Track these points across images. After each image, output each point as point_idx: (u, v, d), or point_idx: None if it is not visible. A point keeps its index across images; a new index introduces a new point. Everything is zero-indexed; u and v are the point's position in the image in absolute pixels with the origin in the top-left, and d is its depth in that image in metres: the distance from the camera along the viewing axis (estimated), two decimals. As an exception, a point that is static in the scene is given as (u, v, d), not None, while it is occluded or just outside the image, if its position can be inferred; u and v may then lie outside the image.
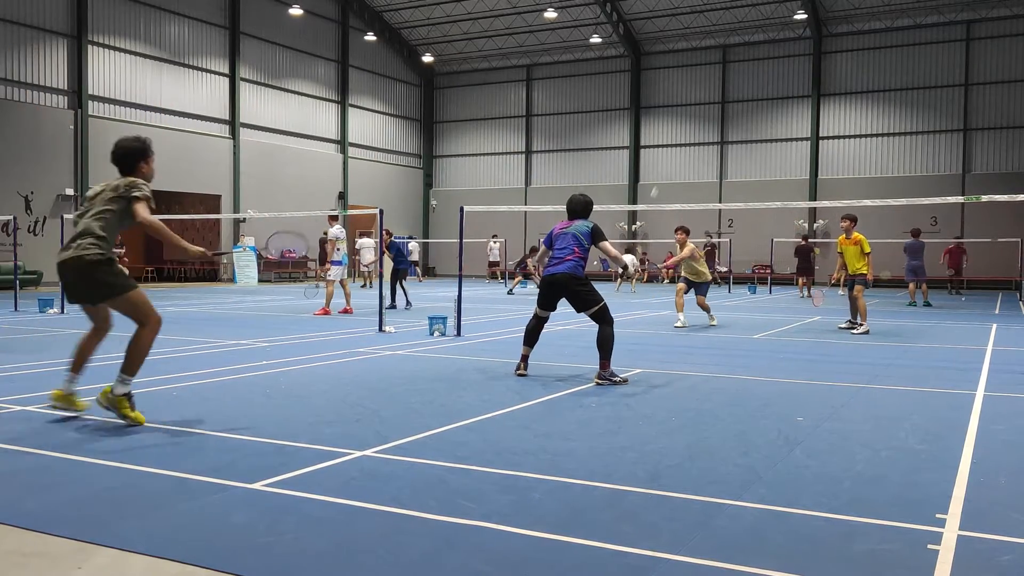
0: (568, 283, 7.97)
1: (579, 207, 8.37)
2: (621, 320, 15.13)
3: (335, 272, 15.40)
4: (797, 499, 4.05)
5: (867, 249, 13.07)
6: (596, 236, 8.10)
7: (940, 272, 27.15)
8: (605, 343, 7.73)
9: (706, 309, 14.13)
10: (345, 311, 15.55)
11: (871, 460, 4.87)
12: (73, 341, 10.64)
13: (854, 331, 12.83)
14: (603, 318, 7.87)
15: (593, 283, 8.14)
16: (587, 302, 7.93)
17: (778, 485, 4.33)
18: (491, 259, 32.96)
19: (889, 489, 4.27)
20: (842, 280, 14.00)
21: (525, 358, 8.18)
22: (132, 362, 5.61)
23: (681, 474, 4.53)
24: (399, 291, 17.97)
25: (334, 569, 3.18)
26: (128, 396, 5.56)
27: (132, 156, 5.76)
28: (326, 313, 15.18)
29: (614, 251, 8.15)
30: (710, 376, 8.22)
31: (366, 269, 26.65)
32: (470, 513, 3.79)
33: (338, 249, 15.47)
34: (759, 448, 5.14)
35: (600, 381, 7.64)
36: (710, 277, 14.46)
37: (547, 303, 8.18)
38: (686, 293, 14.11)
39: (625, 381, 7.71)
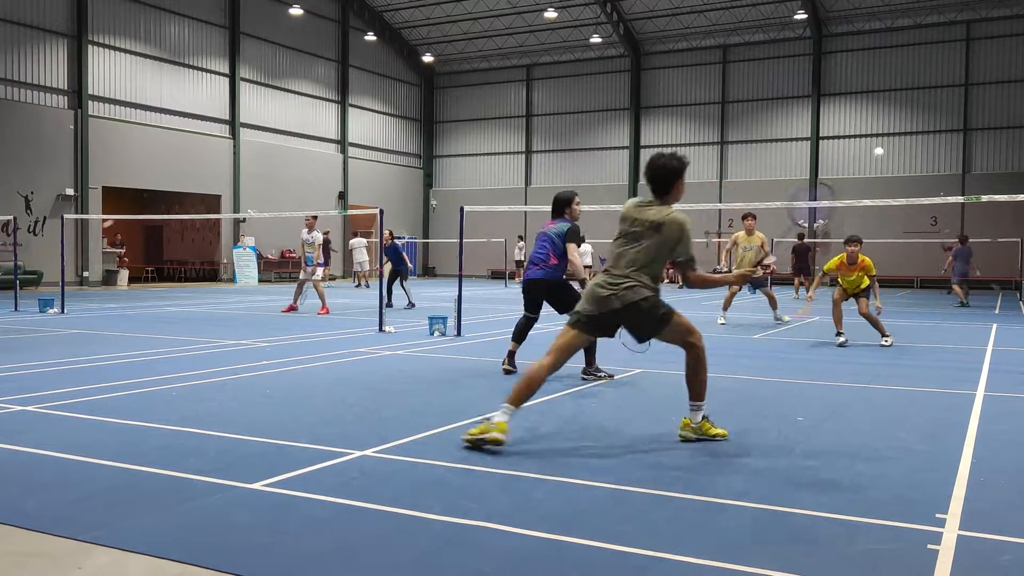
0: (545, 288, 8.01)
1: (553, 205, 8.22)
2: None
3: (320, 272, 15.89)
4: (798, 499, 4.05)
5: (872, 272, 11.17)
6: (567, 237, 7.95)
7: (936, 272, 27.24)
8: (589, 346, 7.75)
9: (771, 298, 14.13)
10: (291, 308, 16.00)
11: (871, 460, 4.87)
12: (72, 341, 10.68)
13: (884, 343, 11.12)
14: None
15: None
16: (567, 305, 7.85)
17: (778, 485, 4.33)
18: (517, 259, 33.22)
19: (889, 489, 4.27)
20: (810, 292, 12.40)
21: (512, 354, 8.21)
22: (699, 388, 5.25)
23: (681, 474, 4.53)
24: (399, 292, 18.15)
25: (334, 569, 3.18)
26: (706, 418, 5.27)
27: (671, 176, 5.18)
28: (326, 312, 15.42)
29: (576, 260, 8.00)
30: (710, 376, 8.20)
31: (358, 268, 26.73)
32: (471, 513, 3.79)
33: (319, 248, 15.93)
34: (760, 448, 5.14)
35: (585, 376, 7.75)
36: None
37: (530, 306, 8.22)
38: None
39: (610, 376, 7.77)
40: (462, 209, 12.39)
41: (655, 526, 3.67)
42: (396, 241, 18.58)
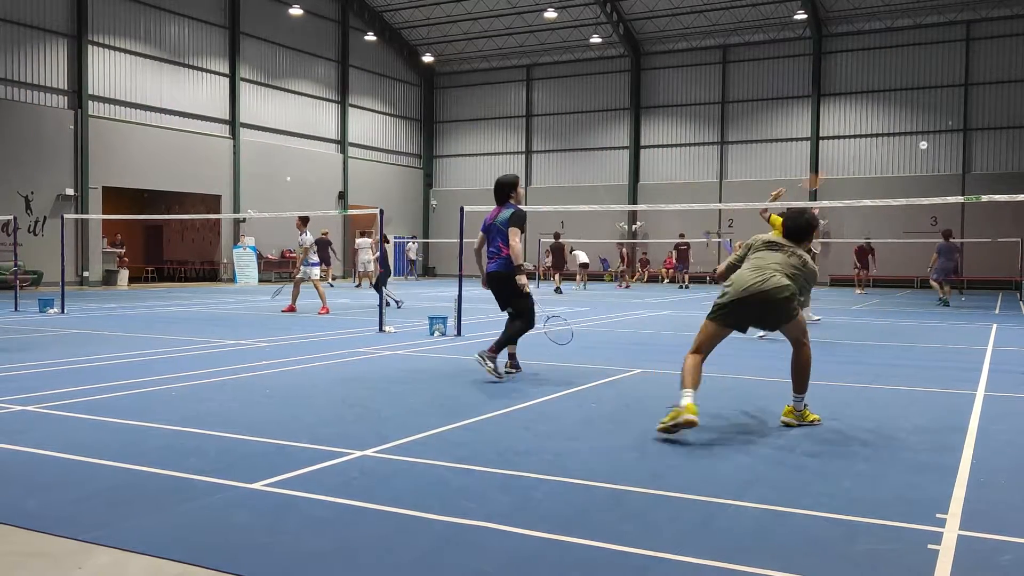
0: (499, 280, 7.76)
1: (496, 190, 7.92)
2: (620, 320, 15.13)
3: (317, 272, 15.88)
4: (797, 499, 4.05)
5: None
6: (510, 222, 7.63)
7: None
8: (508, 330, 7.66)
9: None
10: (290, 309, 15.94)
11: (871, 460, 4.86)
12: (72, 341, 10.67)
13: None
14: (520, 315, 7.73)
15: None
16: (509, 301, 7.72)
17: (779, 485, 4.33)
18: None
19: (889, 489, 4.26)
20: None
21: (511, 355, 8.01)
22: (802, 381, 5.81)
23: (682, 474, 4.53)
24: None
25: (334, 569, 3.18)
26: (806, 406, 5.86)
27: (809, 230, 5.98)
28: (326, 311, 15.45)
29: (517, 244, 7.60)
30: (710, 376, 8.19)
31: (362, 268, 26.75)
32: (471, 513, 3.79)
33: (309, 250, 15.95)
34: (759, 448, 5.14)
35: (479, 356, 7.51)
36: None
37: (502, 303, 7.96)
38: None
39: (500, 378, 7.50)
40: (462, 209, 12.40)
41: (655, 526, 3.67)
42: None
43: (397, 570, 3.17)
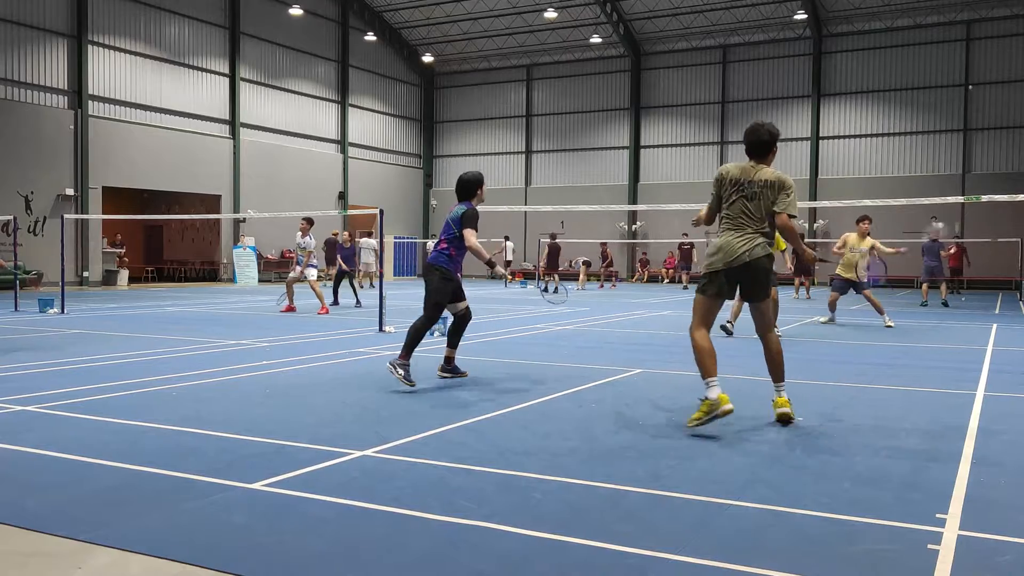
0: (427, 270, 7.48)
1: (458, 188, 7.59)
2: (619, 320, 15.13)
3: (313, 272, 15.91)
4: (797, 499, 4.05)
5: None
6: (462, 222, 7.29)
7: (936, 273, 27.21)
8: (410, 331, 7.28)
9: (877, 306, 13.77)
10: (289, 309, 16.04)
11: (871, 460, 4.86)
12: (72, 341, 10.67)
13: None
14: (424, 310, 7.42)
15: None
16: (428, 295, 7.39)
17: (778, 485, 4.33)
18: (507, 259, 32.91)
19: (889, 489, 4.26)
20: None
21: (447, 359, 7.75)
22: (779, 371, 5.95)
23: (681, 474, 4.53)
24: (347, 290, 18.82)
25: (334, 569, 3.18)
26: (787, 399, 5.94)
27: (770, 144, 5.97)
28: (326, 311, 15.53)
29: (474, 243, 7.28)
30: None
31: (363, 268, 26.79)
32: (470, 513, 3.79)
33: (312, 254, 15.98)
34: (759, 448, 5.14)
35: (389, 365, 7.18)
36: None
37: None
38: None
39: (409, 384, 7.08)
40: (462, 209, 12.37)
41: (654, 526, 3.67)
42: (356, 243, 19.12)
43: (397, 570, 3.17)
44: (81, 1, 26.49)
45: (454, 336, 7.76)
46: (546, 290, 10.48)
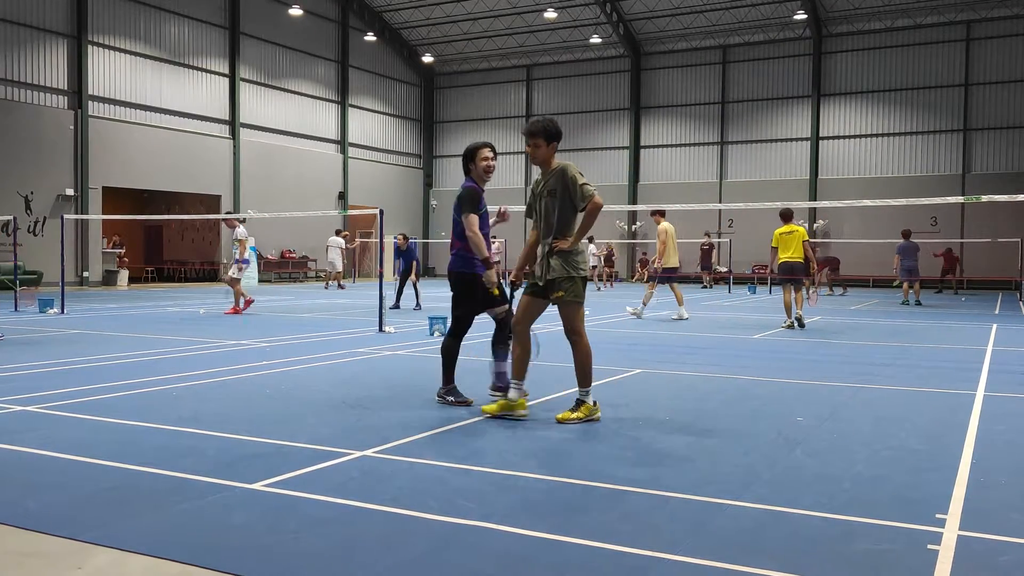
0: (452, 279, 6.40)
1: (463, 162, 6.54)
2: (618, 320, 15.13)
3: (234, 269, 15.87)
4: (797, 499, 4.05)
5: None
6: (460, 206, 6.26)
7: (932, 272, 27.39)
8: (442, 354, 6.47)
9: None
10: (235, 311, 15.76)
11: (871, 460, 4.86)
12: (72, 341, 10.67)
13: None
14: (451, 322, 6.54)
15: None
16: (462, 303, 6.36)
17: (778, 485, 4.33)
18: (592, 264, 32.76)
19: (889, 489, 4.26)
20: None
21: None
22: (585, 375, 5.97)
23: (681, 474, 4.53)
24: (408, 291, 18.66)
25: (334, 569, 3.18)
26: (595, 402, 6.00)
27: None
28: (236, 312, 15.50)
29: (475, 235, 6.21)
30: (709, 376, 8.21)
31: (329, 268, 26.86)
32: (470, 513, 3.79)
33: (247, 248, 15.92)
34: (759, 448, 5.14)
35: (438, 398, 6.49)
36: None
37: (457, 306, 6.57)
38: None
39: (467, 403, 6.37)
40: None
41: (654, 526, 3.67)
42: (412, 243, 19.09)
43: (397, 570, 3.17)
44: (81, 1, 26.49)
45: (495, 347, 6.60)
46: None
